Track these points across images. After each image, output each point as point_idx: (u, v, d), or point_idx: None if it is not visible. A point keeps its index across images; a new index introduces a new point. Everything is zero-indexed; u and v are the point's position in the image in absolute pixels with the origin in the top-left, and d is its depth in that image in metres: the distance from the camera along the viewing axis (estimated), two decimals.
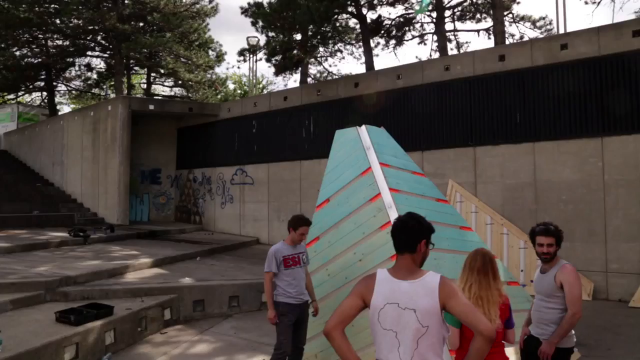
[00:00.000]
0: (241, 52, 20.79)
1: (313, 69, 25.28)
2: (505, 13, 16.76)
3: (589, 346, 6.45)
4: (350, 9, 15.69)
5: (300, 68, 19.84)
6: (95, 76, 27.15)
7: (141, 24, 21.94)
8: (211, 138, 17.95)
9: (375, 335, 2.52)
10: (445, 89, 11.86)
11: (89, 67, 26.20)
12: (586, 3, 17.59)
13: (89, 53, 24.31)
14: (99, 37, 22.47)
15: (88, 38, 22.39)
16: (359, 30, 17.67)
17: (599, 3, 17.38)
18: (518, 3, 18.58)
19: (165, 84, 27.83)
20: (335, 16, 15.14)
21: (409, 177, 5.69)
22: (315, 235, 5.73)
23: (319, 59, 23.13)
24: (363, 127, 5.88)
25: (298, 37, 16.11)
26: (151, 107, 17.21)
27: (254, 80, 25.06)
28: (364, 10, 16.00)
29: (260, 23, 15.78)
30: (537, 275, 3.92)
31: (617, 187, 9.51)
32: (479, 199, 10.99)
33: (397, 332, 2.43)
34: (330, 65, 35.97)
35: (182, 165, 19.20)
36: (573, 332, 3.80)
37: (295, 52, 14.74)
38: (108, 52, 23.42)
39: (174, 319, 7.98)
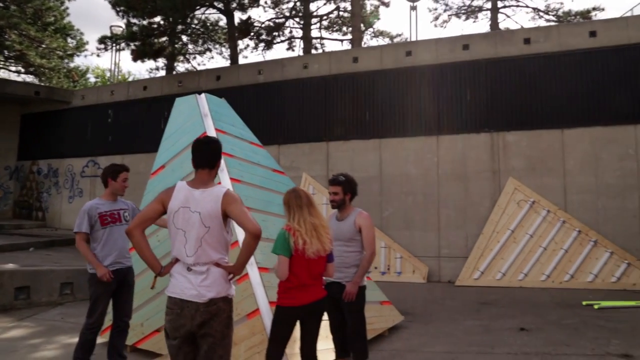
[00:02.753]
0: (102, 40, 19.49)
1: (181, 67, 24.61)
2: (363, 27, 17.95)
3: (416, 315, 7.09)
4: (217, 4, 15.57)
5: (167, 61, 19.21)
6: None
7: None
8: (61, 127, 16.45)
9: (171, 236, 2.93)
10: (303, 86, 12.28)
11: None
12: (435, 26, 19.60)
13: None
14: None
15: None
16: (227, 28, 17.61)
17: (445, 27, 19.46)
18: (379, 19, 20.08)
19: (12, 68, 24.89)
20: (201, 8, 14.92)
21: (245, 146, 5.78)
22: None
23: (187, 56, 22.58)
24: (203, 95, 5.87)
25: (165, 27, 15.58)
26: None
27: (119, 75, 23.68)
28: (232, 6, 15.98)
29: (122, 7, 14.97)
30: (333, 224, 4.18)
31: (448, 181, 10.61)
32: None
33: (185, 231, 2.84)
34: (199, 64, 35.24)
35: (25, 156, 17.29)
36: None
37: (156, 39, 14.20)
38: None
39: None
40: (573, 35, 10.31)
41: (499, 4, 18.36)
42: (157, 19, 15.00)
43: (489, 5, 19.00)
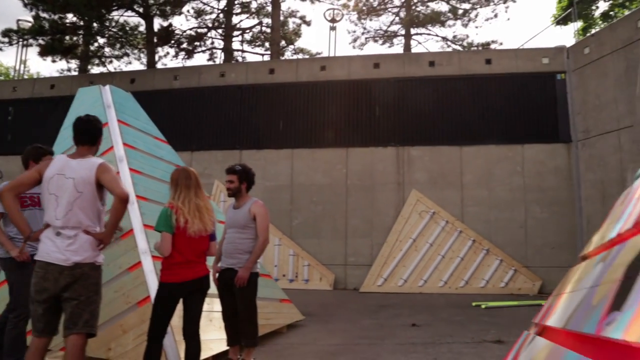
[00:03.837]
0: (6, 33, 18.19)
1: (96, 70, 23.60)
2: (285, 43, 18.33)
3: (317, 315, 7.31)
4: (136, 7, 15.24)
5: (80, 63, 18.36)
6: None
7: None
8: None
9: (44, 203, 3.04)
10: (219, 94, 12.30)
11: None
12: (354, 48, 20.48)
13: None
14: None
15: None
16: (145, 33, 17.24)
17: (362, 50, 20.45)
18: (300, 37, 20.60)
19: None
20: (118, 9, 14.50)
21: (148, 140, 5.73)
22: None
23: (103, 59, 21.72)
24: (107, 86, 5.77)
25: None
26: None
27: (25, 74, 22.23)
28: (152, 12, 15.71)
29: None
30: (230, 212, 4.33)
31: (356, 191, 11.05)
32: None
33: (58, 196, 2.94)
34: (115, 69, 34.07)
35: None
36: (260, 260, 4.37)
37: (68, 37, 13.58)
38: None
39: None
40: (472, 61, 11.27)
41: (412, 31, 19.58)
42: (70, 15, 14.40)
43: (403, 31, 20.18)
